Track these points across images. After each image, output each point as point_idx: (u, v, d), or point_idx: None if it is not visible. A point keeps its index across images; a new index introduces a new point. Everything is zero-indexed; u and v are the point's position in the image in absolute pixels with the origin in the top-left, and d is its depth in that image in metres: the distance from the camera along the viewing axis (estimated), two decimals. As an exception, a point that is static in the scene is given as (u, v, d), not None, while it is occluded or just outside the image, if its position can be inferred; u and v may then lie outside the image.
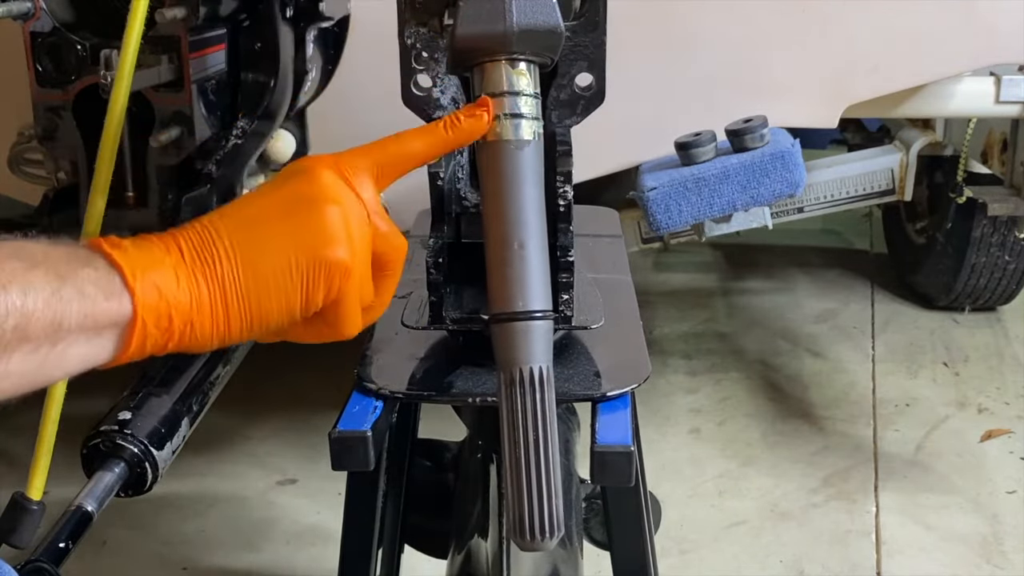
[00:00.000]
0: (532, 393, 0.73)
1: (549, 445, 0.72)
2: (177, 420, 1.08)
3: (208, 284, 0.68)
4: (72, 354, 0.63)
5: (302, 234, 0.70)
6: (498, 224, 0.76)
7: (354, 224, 0.72)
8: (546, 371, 0.73)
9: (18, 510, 0.91)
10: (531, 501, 0.71)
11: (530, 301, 0.74)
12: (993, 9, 1.75)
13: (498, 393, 0.74)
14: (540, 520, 0.71)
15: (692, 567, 1.88)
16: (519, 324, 0.74)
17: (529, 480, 0.71)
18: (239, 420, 2.34)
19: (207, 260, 0.68)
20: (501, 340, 0.74)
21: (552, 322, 0.76)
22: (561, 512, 0.72)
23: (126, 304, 0.64)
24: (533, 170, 0.77)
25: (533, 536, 0.71)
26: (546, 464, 0.72)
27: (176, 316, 0.66)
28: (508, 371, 0.74)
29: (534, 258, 0.75)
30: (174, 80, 1.15)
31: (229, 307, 0.68)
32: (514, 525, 0.72)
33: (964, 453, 2.24)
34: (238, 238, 0.69)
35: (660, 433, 2.31)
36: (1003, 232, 2.63)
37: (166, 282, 0.66)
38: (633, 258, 1.59)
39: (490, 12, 0.77)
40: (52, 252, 0.63)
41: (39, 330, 0.60)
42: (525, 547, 0.72)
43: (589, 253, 1.22)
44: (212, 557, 1.94)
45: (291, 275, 0.70)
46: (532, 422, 0.72)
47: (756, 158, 1.59)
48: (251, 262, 0.69)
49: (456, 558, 1.06)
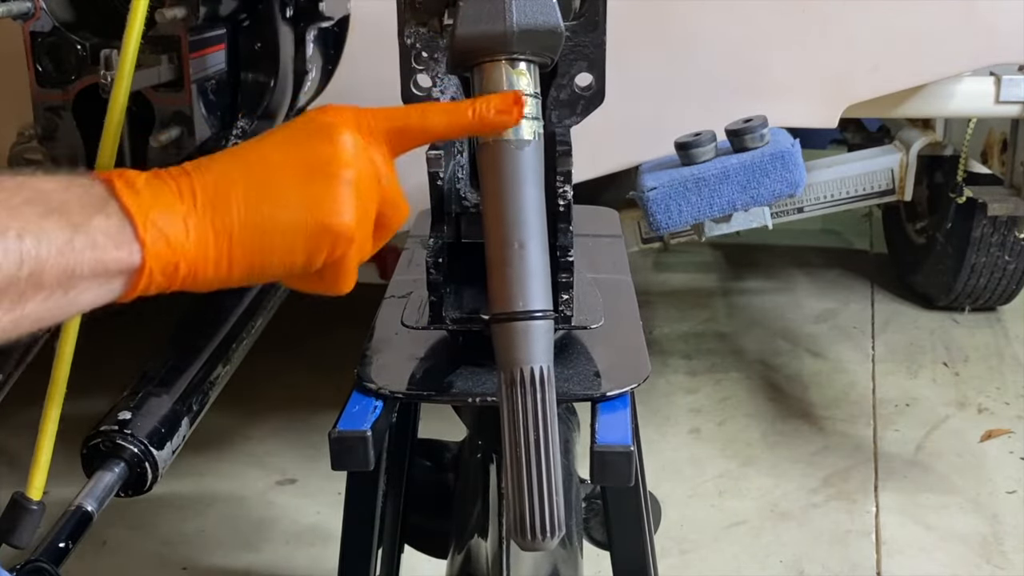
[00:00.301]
0: (533, 393, 0.73)
1: (550, 445, 0.72)
2: (177, 420, 1.08)
3: (217, 237, 0.69)
4: (83, 298, 0.65)
5: (315, 200, 0.71)
6: (498, 224, 0.76)
7: (364, 189, 0.73)
8: (547, 371, 0.73)
9: (18, 510, 0.91)
10: (532, 501, 0.71)
11: (530, 301, 0.74)
12: (993, 9, 1.75)
13: (498, 393, 0.74)
14: (541, 520, 0.71)
15: (692, 567, 1.88)
16: (519, 324, 0.74)
17: (530, 480, 0.72)
18: (239, 420, 2.34)
19: (219, 210, 0.69)
20: (501, 340, 0.74)
21: (552, 322, 0.76)
22: (562, 512, 0.72)
23: (136, 254, 0.66)
24: (533, 170, 0.77)
25: (534, 536, 0.72)
26: (547, 464, 0.72)
27: (183, 265, 0.68)
28: (509, 371, 0.74)
29: (534, 258, 0.75)
30: (174, 80, 1.15)
31: (234, 259, 0.70)
32: (515, 525, 0.72)
33: (964, 453, 2.24)
34: (253, 194, 0.70)
35: (660, 433, 2.31)
36: (1003, 232, 2.63)
37: (176, 232, 0.67)
38: (633, 258, 1.59)
39: (490, 12, 0.77)
40: (67, 195, 0.64)
41: (52, 278, 0.62)
42: (526, 547, 0.72)
43: (589, 253, 1.22)
44: (212, 557, 1.94)
45: (297, 237, 0.71)
46: (533, 422, 0.72)
47: (756, 158, 1.59)
48: (261, 219, 0.70)
49: (456, 558, 1.06)
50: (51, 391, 0.91)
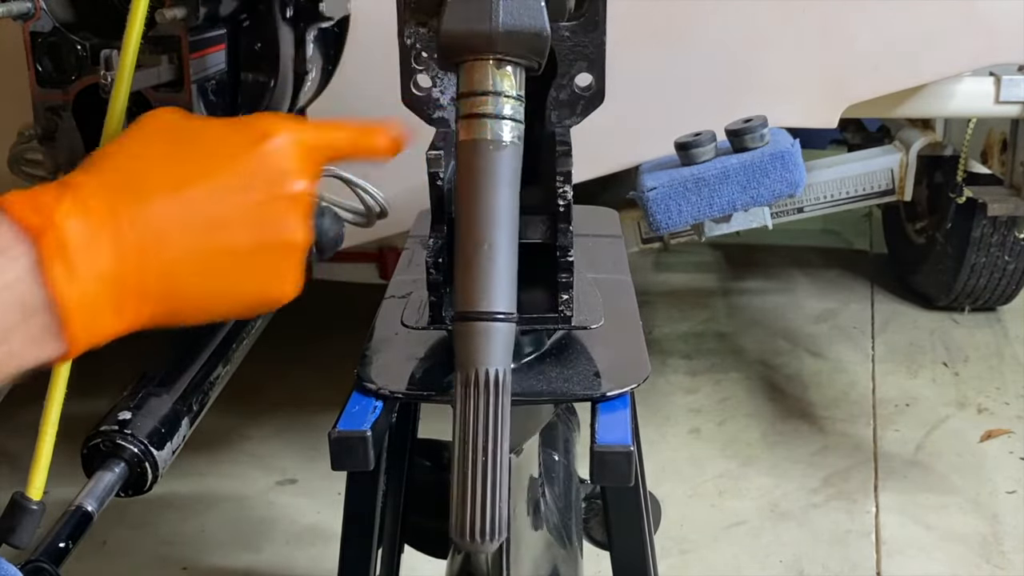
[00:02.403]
0: (487, 395, 0.71)
1: (498, 449, 0.70)
2: (177, 420, 1.09)
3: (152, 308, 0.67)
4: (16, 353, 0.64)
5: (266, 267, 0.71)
6: (468, 223, 0.75)
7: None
8: (503, 375, 0.72)
9: (18, 510, 0.91)
10: (475, 503, 0.70)
11: (494, 302, 0.73)
12: (993, 9, 1.75)
13: (453, 392, 0.73)
14: (482, 523, 0.70)
15: (692, 567, 1.88)
16: (480, 324, 0.73)
17: (474, 482, 0.70)
18: (239, 420, 2.34)
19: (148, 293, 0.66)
20: (461, 340, 0.73)
21: (514, 325, 0.74)
22: (505, 517, 0.70)
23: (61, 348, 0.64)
24: (510, 171, 0.76)
25: (474, 538, 0.70)
26: (494, 468, 0.70)
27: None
28: (464, 371, 0.72)
29: (501, 259, 0.74)
30: (174, 80, 1.15)
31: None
32: (456, 525, 0.71)
33: (964, 453, 2.24)
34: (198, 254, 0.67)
35: (660, 433, 2.31)
36: (1003, 232, 2.63)
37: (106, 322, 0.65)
38: (633, 258, 1.58)
39: (477, 11, 0.77)
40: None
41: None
42: (465, 547, 0.71)
43: (589, 253, 1.22)
44: (212, 557, 1.94)
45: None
46: (483, 425, 0.71)
47: (756, 158, 1.58)
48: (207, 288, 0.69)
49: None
50: (51, 391, 0.91)
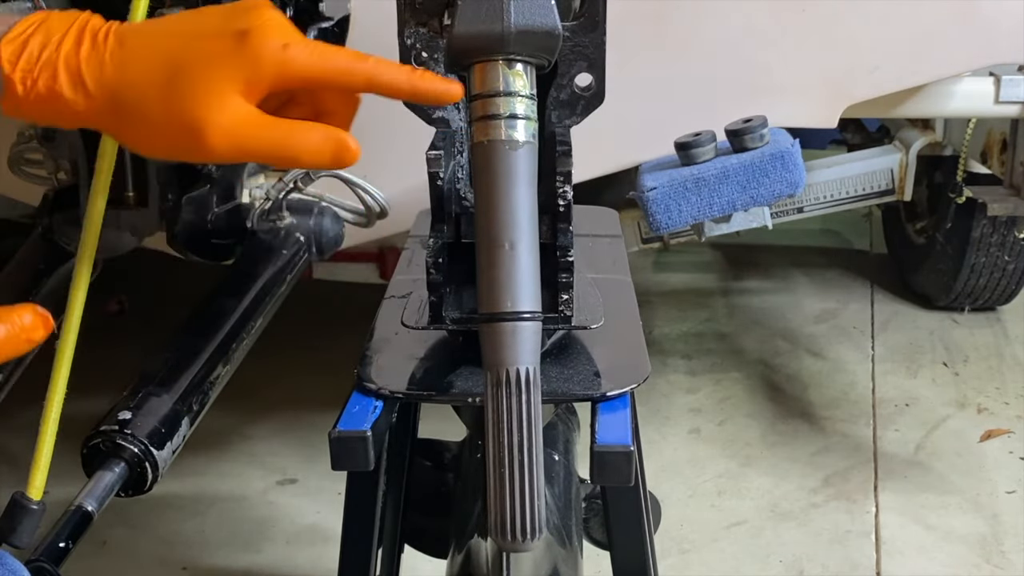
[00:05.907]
0: (518, 394, 0.72)
1: (533, 447, 0.72)
2: (177, 420, 1.09)
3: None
4: None
5: None
6: (489, 224, 0.76)
7: None
8: (532, 372, 0.73)
9: (18, 510, 0.91)
10: (513, 502, 0.71)
11: (519, 302, 0.74)
12: (993, 9, 1.75)
13: (484, 393, 0.74)
14: (522, 521, 0.71)
15: (692, 567, 1.88)
16: (507, 325, 0.74)
17: (512, 481, 0.71)
18: (239, 420, 2.34)
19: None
20: (488, 340, 0.74)
21: (540, 323, 0.75)
22: (543, 513, 0.72)
23: None
24: (527, 171, 0.77)
25: (515, 537, 0.71)
26: (530, 466, 0.71)
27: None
28: (495, 372, 0.73)
29: (524, 259, 0.75)
30: (174, 80, 1.14)
31: None
32: (496, 525, 0.72)
33: (964, 453, 2.24)
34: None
35: (660, 433, 2.31)
36: (1003, 232, 2.63)
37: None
38: (633, 258, 1.59)
39: (488, 12, 0.77)
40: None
41: None
42: (507, 547, 0.72)
43: (589, 253, 1.22)
44: (212, 557, 1.94)
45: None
46: (517, 423, 0.72)
47: (756, 158, 1.58)
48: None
49: (456, 558, 1.06)
50: (51, 391, 0.91)
